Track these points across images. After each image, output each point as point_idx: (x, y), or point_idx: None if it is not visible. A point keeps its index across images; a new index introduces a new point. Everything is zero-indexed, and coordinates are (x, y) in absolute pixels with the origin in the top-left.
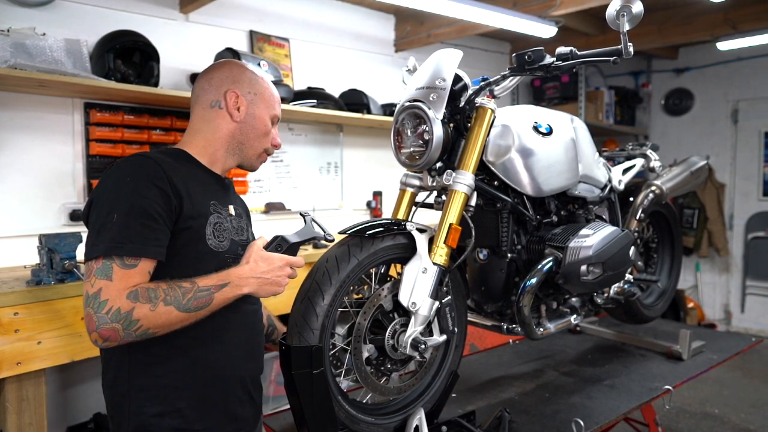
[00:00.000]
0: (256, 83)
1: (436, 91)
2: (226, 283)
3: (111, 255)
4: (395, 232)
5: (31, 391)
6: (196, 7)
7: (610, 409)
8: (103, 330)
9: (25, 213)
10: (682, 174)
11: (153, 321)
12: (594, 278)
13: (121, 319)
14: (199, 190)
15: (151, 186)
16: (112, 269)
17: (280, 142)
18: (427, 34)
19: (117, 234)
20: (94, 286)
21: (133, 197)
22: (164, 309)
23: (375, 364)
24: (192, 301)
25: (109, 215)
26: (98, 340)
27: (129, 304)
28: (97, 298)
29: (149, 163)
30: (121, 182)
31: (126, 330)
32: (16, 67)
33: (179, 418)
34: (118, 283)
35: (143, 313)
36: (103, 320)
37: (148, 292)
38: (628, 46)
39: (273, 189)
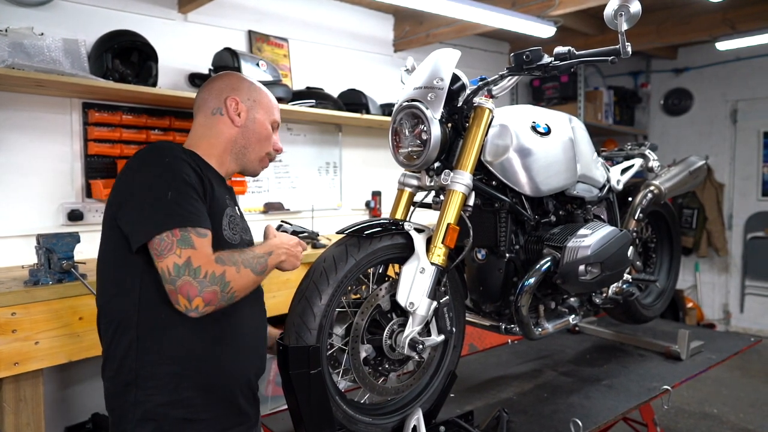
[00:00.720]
0: (255, 90)
1: (433, 91)
2: (270, 252)
3: (185, 226)
4: (393, 232)
5: (28, 392)
6: (195, 6)
7: (608, 409)
8: (206, 293)
9: (23, 213)
10: (680, 174)
11: (239, 282)
12: (592, 278)
13: (217, 281)
14: (215, 183)
15: (190, 168)
16: (191, 239)
17: (282, 146)
18: (425, 34)
19: (181, 209)
20: (182, 257)
21: (182, 176)
22: (244, 271)
23: (373, 365)
24: (258, 265)
25: (164, 193)
26: (200, 305)
27: (220, 267)
28: (190, 266)
29: (179, 148)
30: (162, 163)
31: (222, 292)
32: (14, 67)
33: (186, 407)
34: (203, 250)
35: (232, 274)
36: (204, 284)
37: (230, 256)
38: (626, 46)
39: (272, 189)
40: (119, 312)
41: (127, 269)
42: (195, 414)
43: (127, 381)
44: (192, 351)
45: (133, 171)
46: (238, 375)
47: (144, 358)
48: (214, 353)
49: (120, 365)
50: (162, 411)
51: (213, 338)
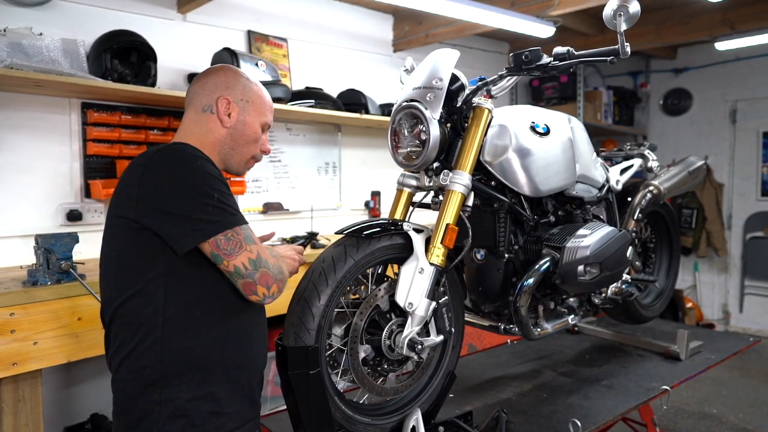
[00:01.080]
0: (249, 90)
1: (432, 91)
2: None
3: (242, 224)
4: (392, 232)
5: (27, 392)
6: (194, 6)
7: (607, 410)
8: (279, 281)
9: (21, 213)
10: (679, 174)
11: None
12: (591, 278)
13: (279, 273)
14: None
15: (214, 167)
16: (252, 236)
17: (270, 147)
18: (425, 34)
19: (231, 208)
20: (253, 252)
21: (217, 177)
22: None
23: (372, 365)
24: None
25: (210, 195)
26: (275, 292)
27: (274, 259)
28: (261, 259)
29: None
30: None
31: (283, 283)
32: (12, 67)
33: (213, 401)
34: (262, 245)
35: (282, 269)
36: (276, 273)
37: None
38: (625, 46)
39: (271, 189)
40: (140, 314)
41: (152, 271)
42: (221, 407)
43: (149, 382)
44: (217, 346)
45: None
46: (254, 367)
47: (170, 358)
48: (236, 347)
49: (141, 366)
50: (192, 406)
51: (235, 333)
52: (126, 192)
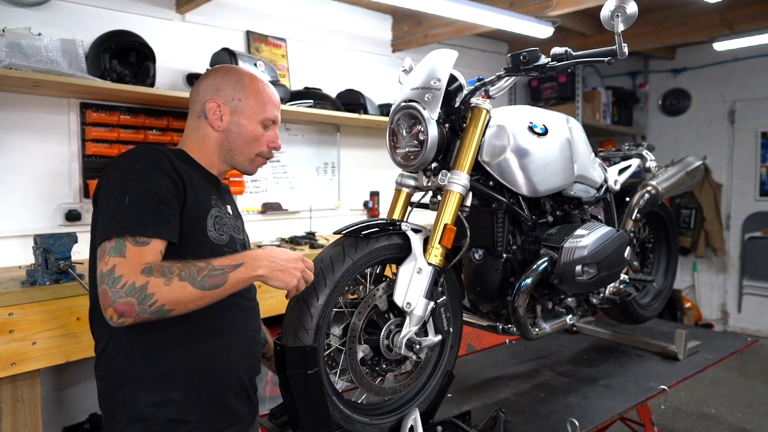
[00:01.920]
0: (242, 88)
1: (431, 92)
2: (240, 264)
3: (124, 234)
4: (390, 233)
5: (26, 392)
6: (193, 7)
7: (605, 409)
8: (118, 304)
9: (20, 213)
10: (678, 174)
11: (168, 296)
12: (589, 278)
13: (135, 292)
14: (201, 184)
15: (160, 172)
16: (125, 246)
17: (280, 144)
18: (424, 34)
19: (130, 215)
20: (108, 264)
21: (143, 181)
22: (179, 284)
23: (370, 365)
24: (207, 279)
25: (121, 198)
26: (113, 316)
27: (143, 278)
28: (112, 275)
29: (156, 151)
30: (131, 168)
31: (141, 304)
32: (11, 67)
33: (173, 408)
34: (132, 260)
35: (157, 286)
36: (117, 294)
37: (162, 267)
38: (622, 47)
39: (270, 189)
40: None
41: None
42: (183, 415)
43: (116, 382)
44: (179, 352)
45: (108, 174)
46: (228, 375)
47: (133, 359)
48: (201, 354)
49: (110, 365)
50: (150, 411)
51: (200, 339)
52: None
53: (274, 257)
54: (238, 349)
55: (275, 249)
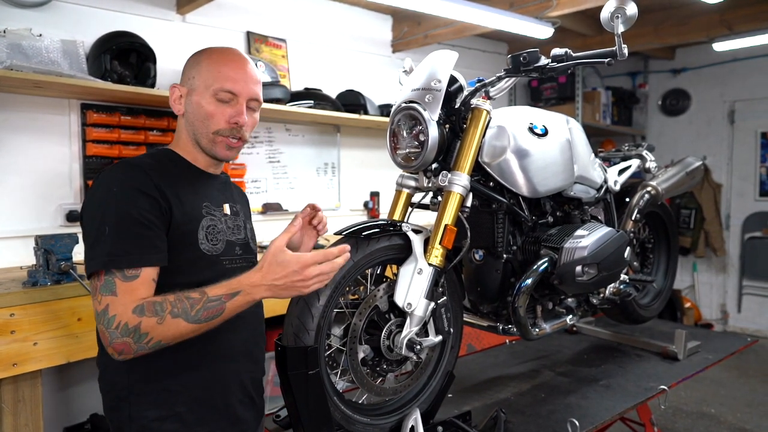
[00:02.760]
0: (198, 64)
1: (431, 93)
2: (237, 292)
3: (110, 269)
4: (391, 233)
5: (27, 392)
6: (193, 8)
7: (605, 409)
8: (116, 344)
9: (21, 214)
10: (677, 174)
11: (162, 333)
12: (589, 279)
13: (130, 333)
14: (189, 192)
15: (138, 193)
16: (115, 284)
17: (244, 119)
18: (424, 34)
19: (112, 246)
20: (101, 303)
21: (122, 207)
22: (172, 321)
23: (371, 365)
24: (202, 312)
25: (101, 228)
26: (114, 354)
27: (135, 318)
28: (106, 315)
29: (134, 170)
30: (108, 193)
31: (138, 343)
32: (12, 68)
33: (179, 422)
34: (123, 297)
35: (151, 326)
36: (114, 335)
37: (154, 305)
38: (622, 48)
39: (270, 189)
40: None
41: None
42: (189, 428)
43: (121, 396)
44: (181, 366)
45: (89, 197)
46: (231, 383)
47: (136, 376)
48: (203, 366)
49: (114, 381)
50: (157, 426)
51: (201, 351)
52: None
53: (272, 279)
54: (241, 356)
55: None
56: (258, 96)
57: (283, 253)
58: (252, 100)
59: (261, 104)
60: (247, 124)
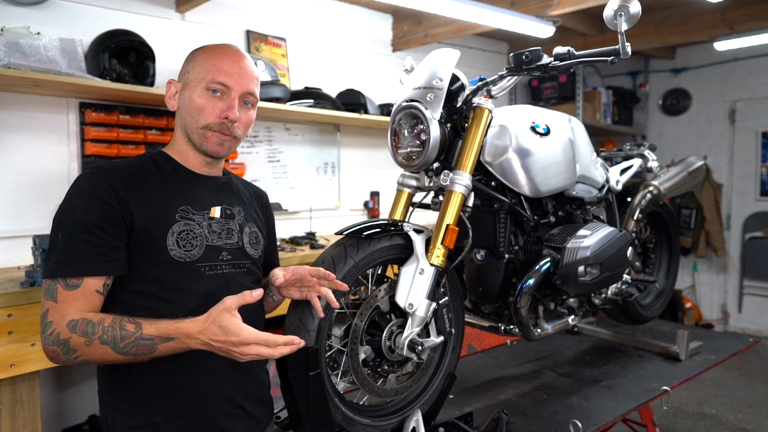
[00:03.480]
0: (194, 59)
1: (433, 91)
2: (171, 338)
3: (56, 276)
4: (392, 233)
5: (25, 394)
6: (192, 6)
7: (607, 410)
8: (47, 350)
9: (19, 213)
10: (679, 174)
11: (89, 354)
12: (591, 279)
13: (60, 344)
14: (163, 197)
15: (93, 199)
16: (56, 291)
17: (235, 114)
18: (424, 33)
19: (61, 254)
20: (44, 306)
21: (75, 214)
22: (99, 347)
23: (372, 366)
24: (131, 347)
25: (56, 234)
26: (47, 357)
27: (67, 332)
28: (45, 319)
29: (96, 176)
30: (67, 199)
31: (66, 356)
32: (10, 66)
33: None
34: (62, 306)
35: (79, 344)
36: (47, 341)
37: (87, 326)
38: (625, 46)
39: (269, 189)
40: None
41: None
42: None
43: (106, 401)
44: (157, 374)
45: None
46: (211, 395)
47: (115, 382)
48: (178, 377)
49: (102, 386)
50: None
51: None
52: None
53: (211, 339)
54: (222, 369)
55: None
56: (253, 91)
57: (228, 318)
58: (247, 94)
59: (257, 101)
60: (241, 121)
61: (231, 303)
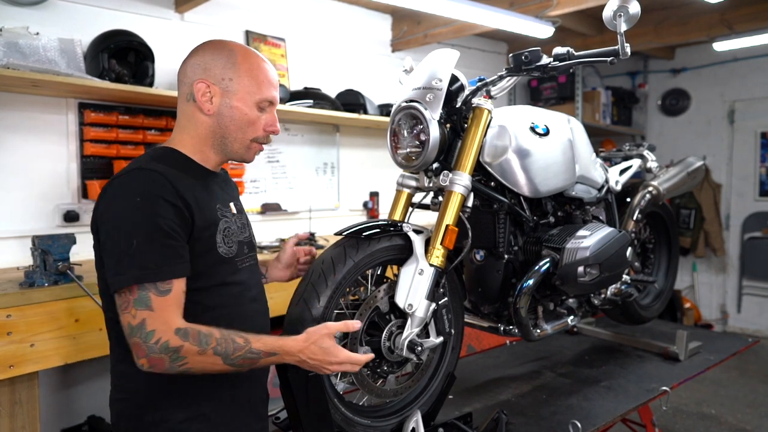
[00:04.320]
0: (234, 65)
1: (432, 92)
2: (274, 354)
3: (143, 283)
4: (391, 233)
5: (24, 395)
6: (192, 6)
7: (607, 411)
8: (151, 358)
9: (18, 214)
10: (679, 174)
11: (198, 363)
12: (591, 279)
13: (169, 352)
14: (205, 196)
15: (163, 202)
16: (149, 299)
17: (278, 128)
18: (423, 34)
19: (143, 260)
20: (136, 318)
21: (149, 218)
22: (211, 357)
23: (371, 366)
24: (240, 359)
25: (129, 241)
26: (145, 365)
27: (178, 340)
28: (143, 329)
29: (155, 177)
30: (131, 203)
31: (172, 363)
32: (9, 66)
33: (206, 422)
34: (161, 313)
35: (192, 353)
36: (152, 349)
37: (200, 335)
38: (625, 47)
39: (269, 189)
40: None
41: None
42: (215, 428)
43: (142, 403)
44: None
45: (107, 206)
46: (254, 382)
47: (157, 381)
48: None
49: (134, 389)
50: (185, 427)
51: None
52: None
53: (309, 357)
54: None
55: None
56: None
57: (329, 341)
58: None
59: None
60: None
61: (333, 328)
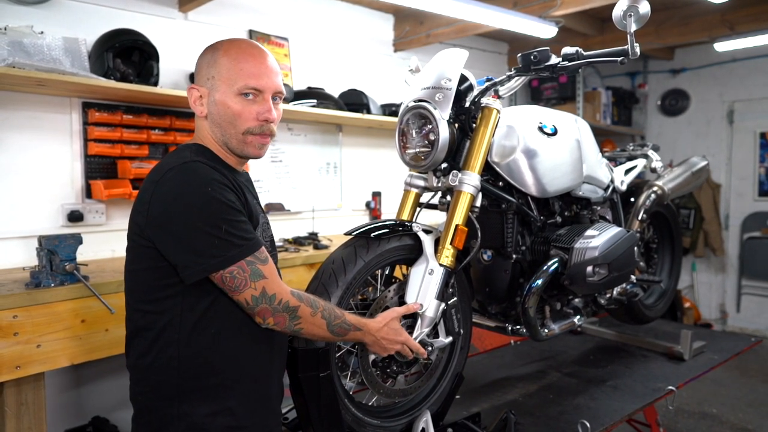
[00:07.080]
0: (215, 62)
1: (441, 91)
2: (360, 329)
3: (246, 257)
4: (401, 233)
5: (30, 396)
6: (195, 5)
7: (614, 411)
8: (276, 317)
9: (22, 214)
10: (683, 174)
11: (307, 324)
12: (600, 279)
13: (289, 311)
14: (242, 191)
15: (228, 189)
16: (260, 270)
17: (273, 115)
18: (426, 34)
19: (239, 239)
20: (258, 289)
21: (225, 203)
22: (320, 320)
23: (381, 366)
24: (337, 327)
25: (218, 226)
26: (270, 323)
27: (295, 301)
28: (266, 295)
29: (208, 168)
30: (203, 192)
31: (290, 321)
32: (13, 66)
33: (230, 415)
34: (274, 279)
35: (306, 314)
36: (276, 309)
37: (310, 298)
38: (634, 47)
39: (272, 189)
40: (157, 329)
41: (166, 290)
42: (239, 422)
43: (167, 395)
44: (233, 362)
45: (173, 201)
46: (273, 378)
47: (186, 374)
48: (253, 362)
49: (158, 381)
50: (209, 421)
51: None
52: (139, 209)
53: (383, 337)
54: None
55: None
56: (281, 88)
57: (397, 323)
58: (276, 92)
59: (284, 96)
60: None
61: (401, 311)
